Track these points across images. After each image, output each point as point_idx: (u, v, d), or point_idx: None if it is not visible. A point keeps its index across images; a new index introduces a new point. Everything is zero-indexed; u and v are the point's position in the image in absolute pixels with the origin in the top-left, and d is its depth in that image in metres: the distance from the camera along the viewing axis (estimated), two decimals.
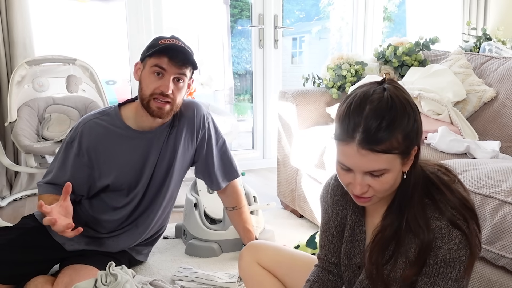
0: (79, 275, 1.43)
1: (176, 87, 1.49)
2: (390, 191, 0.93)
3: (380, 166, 0.86)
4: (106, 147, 1.54)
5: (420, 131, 0.90)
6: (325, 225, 1.14)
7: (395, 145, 0.85)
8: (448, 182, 0.96)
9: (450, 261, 0.89)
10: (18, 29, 2.53)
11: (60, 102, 2.54)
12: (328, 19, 5.38)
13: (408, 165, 0.91)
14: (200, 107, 1.67)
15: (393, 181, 0.90)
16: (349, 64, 2.44)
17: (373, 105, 0.85)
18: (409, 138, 0.87)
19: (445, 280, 0.90)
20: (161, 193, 1.65)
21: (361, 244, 1.05)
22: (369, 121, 0.84)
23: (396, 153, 0.86)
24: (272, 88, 3.42)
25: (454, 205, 0.92)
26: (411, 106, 0.88)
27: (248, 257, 1.32)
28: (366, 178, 0.89)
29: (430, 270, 0.91)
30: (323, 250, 1.15)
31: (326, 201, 1.13)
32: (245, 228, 1.80)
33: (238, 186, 1.82)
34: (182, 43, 1.50)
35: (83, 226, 1.60)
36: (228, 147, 1.78)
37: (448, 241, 0.89)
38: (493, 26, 3.50)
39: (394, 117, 0.84)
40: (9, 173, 2.72)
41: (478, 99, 2.07)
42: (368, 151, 0.85)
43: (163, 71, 1.45)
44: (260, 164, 3.51)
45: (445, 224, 0.90)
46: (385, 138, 0.84)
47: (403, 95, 0.88)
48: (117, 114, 1.57)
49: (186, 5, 4.24)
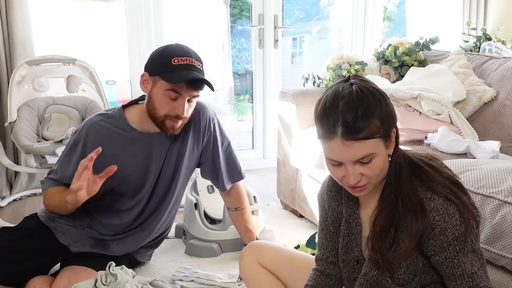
0: (77, 277, 1.42)
1: (189, 105, 1.48)
2: (381, 175, 0.98)
3: (366, 151, 0.92)
4: (111, 150, 1.52)
5: (394, 113, 0.97)
6: (323, 223, 1.16)
7: (374, 130, 0.91)
8: (435, 165, 1.02)
9: (461, 236, 0.94)
10: (18, 29, 2.53)
11: (60, 102, 2.54)
12: (328, 19, 5.39)
13: (391, 147, 0.98)
14: (206, 109, 1.66)
15: (382, 164, 0.96)
16: (349, 64, 2.44)
17: (345, 100, 0.92)
18: (386, 121, 0.93)
19: (465, 255, 0.94)
20: (167, 195, 1.63)
21: (358, 237, 1.08)
22: (346, 115, 0.91)
23: (378, 137, 0.92)
24: (272, 88, 3.42)
25: (443, 183, 0.98)
26: (379, 93, 0.95)
27: (249, 257, 1.32)
28: (357, 167, 0.94)
29: (449, 253, 0.95)
30: (322, 249, 1.16)
31: (323, 198, 1.16)
32: (246, 228, 1.80)
33: (242, 187, 1.82)
34: (195, 60, 1.44)
35: (87, 228, 1.60)
36: (233, 149, 1.78)
37: (450, 219, 0.94)
38: (493, 26, 3.50)
39: (367, 106, 0.91)
40: (9, 173, 2.72)
41: (478, 99, 2.07)
42: (352, 141, 0.91)
43: (179, 96, 1.44)
44: (260, 164, 3.51)
45: (440, 204, 0.95)
46: (363, 125, 0.90)
47: (369, 85, 0.95)
48: (121, 117, 1.55)
49: (186, 5, 4.24)
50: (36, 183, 2.78)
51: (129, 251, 1.68)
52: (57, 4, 4.09)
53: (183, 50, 1.45)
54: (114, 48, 4.19)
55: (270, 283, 1.28)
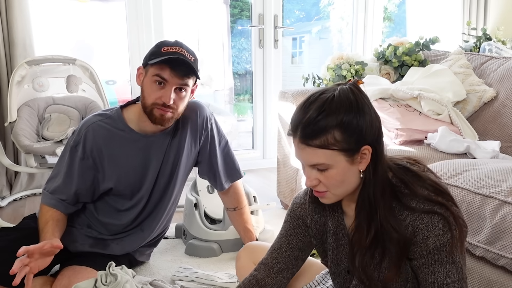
0: (78, 277, 1.42)
1: (178, 96, 1.46)
2: (343, 189, 0.94)
3: (318, 160, 0.90)
4: (109, 150, 1.52)
5: (372, 131, 0.90)
6: (292, 229, 1.14)
7: (331, 141, 0.88)
8: (417, 171, 0.98)
9: (442, 246, 0.91)
10: (18, 29, 2.53)
11: (60, 102, 2.54)
12: (328, 19, 5.39)
13: (363, 164, 0.92)
14: (203, 108, 1.66)
15: (341, 177, 0.91)
16: (349, 64, 2.44)
17: (317, 103, 0.89)
18: (352, 136, 0.88)
19: (443, 265, 0.92)
20: (166, 196, 1.64)
21: (346, 248, 1.05)
22: (310, 115, 0.88)
23: (335, 150, 0.88)
24: (272, 88, 3.42)
25: (427, 196, 0.93)
26: (358, 106, 0.88)
27: (245, 258, 1.32)
28: (313, 172, 0.93)
29: (426, 261, 0.93)
30: (275, 253, 1.15)
31: (303, 208, 1.12)
32: (245, 228, 1.80)
33: (240, 187, 1.82)
34: (185, 51, 1.46)
35: (87, 228, 1.60)
36: (231, 148, 1.77)
37: (433, 229, 0.91)
38: (493, 26, 3.49)
39: (333, 112, 0.87)
40: (9, 173, 2.72)
41: (478, 99, 2.07)
42: (305, 146, 0.90)
43: (164, 81, 1.43)
44: (260, 164, 3.51)
45: (425, 215, 0.91)
46: (319, 132, 0.87)
47: (357, 96, 0.89)
48: (119, 117, 1.55)
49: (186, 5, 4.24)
50: (36, 183, 2.78)
51: (129, 251, 1.68)
52: (57, 4, 4.08)
53: (176, 42, 1.48)
54: (114, 48, 4.19)
55: None
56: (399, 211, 0.94)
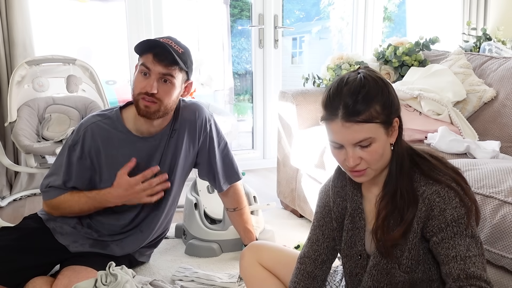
0: (78, 277, 1.42)
1: (162, 87, 1.45)
2: (381, 162, 1.00)
3: (365, 135, 0.95)
4: (107, 151, 1.53)
5: (397, 103, 1.00)
6: (322, 219, 1.16)
7: (374, 114, 0.94)
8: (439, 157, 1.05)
9: (460, 218, 0.95)
10: (18, 29, 2.53)
11: (60, 102, 2.54)
12: (328, 19, 5.39)
13: (393, 136, 1.00)
14: (202, 109, 1.65)
15: (382, 150, 0.98)
16: (349, 64, 2.44)
17: (348, 86, 0.96)
18: (387, 108, 0.96)
19: (462, 238, 0.94)
20: (164, 197, 1.63)
21: (361, 231, 1.09)
22: (347, 98, 0.95)
23: (377, 122, 0.95)
24: (272, 88, 3.42)
25: (445, 172, 1.00)
26: (383, 81, 0.98)
27: (250, 257, 1.32)
28: (356, 150, 0.97)
29: (446, 234, 0.95)
30: (315, 245, 1.16)
31: (327, 195, 1.16)
32: (245, 228, 1.80)
33: (240, 188, 1.81)
34: (174, 42, 1.45)
35: (87, 229, 1.60)
36: (230, 149, 1.77)
37: (450, 201, 0.96)
38: (493, 26, 3.50)
39: (368, 91, 0.95)
40: (9, 173, 2.72)
41: (478, 99, 2.07)
42: (351, 123, 0.94)
43: (148, 70, 1.43)
44: (260, 164, 3.51)
45: (441, 188, 0.97)
46: (363, 108, 0.94)
47: (375, 74, 0.99)
48: (118, 118, 1.55)
49: (186, 5, 4.23)
50: (36, 183, 2.78)
51: (129, 252, 1.68)
52: (57, 4, 4.08)
53: (168, 36, 1.49)
54: (114, 48, 4.19)
55: (270, 283, 1.28)
56: (418, 183, 1.00)
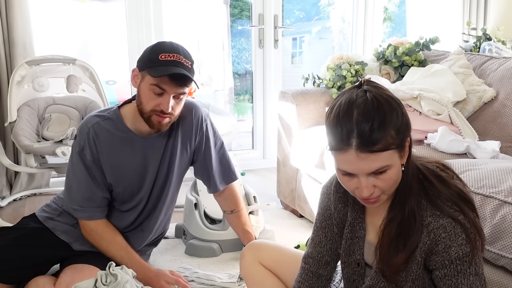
0: (81, 274, 1.42)
1: (175, 102, 1.47)
2: (394, 186, 0.95)
3: (382, 164, 0.88)
4: (110, 151, 1.52)
5: (409, 122, 0.92)
6: (324, 221, 1.14)
7: (390, 141, 0.87)
8: (445, 177, 0.98)
9: (464, 256, 0.91)
10: (18, 29, 2.53)
11: (60, 102, 2.54)
12: (328, 19, 5.39)
13: (405, 157, 0.94)
14: (198, 109, 1.65)
15: (396, 175, 0.92)
16: (349, 64, 2.44)
17: (360, 109, 0.87)
18: (402, 131, 0.89)
19: (466, 277, 0.92)
20: (162, 196, 1.64)
21: (361, 241, 1.07)
22: (361, 125, 0.86)
23: (393, 148, 0.88)
24: (272, 88, 3.42)
25: (450, 199, 0.94)
26: (395, 101, 0.90)
27: (250, 256, 1.32)
28: (370, 179, 0.91)
29: (449, 271, 0.93)
30: (318, 247, 1.15)
31: (329, 198, 1.13)
32: (244, 230, 1.79)
33: (236, 189, 1.80)
34: (183, 57, 1.43)
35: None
36: (226, 149, 1.77)
37: (456, 238, 0.91)
38: (493, 26, 3.50)
39: (384, 116, 0.87)
40: (9, 173, 2.72)
41: (478, 99, 2.07)
42: (368, 153, 0.87)
43: (163, 91, 1.42)
44: (260, 164, 3.51)
45: (448, 222, 0.92)
46: (380, 137, 0.86)
47: (385, 93, 0.90)
48: (118, 118, 1.55)
49: (186, 5, 4.24)
50: (36, 183, 2.78)
51: None
52: (57, 4, 4.08)
53: (173, 46, 1.44)
54: (114, 48, 4.19)
55: (270, 283, 1.28)
56: (424, 211, 0.95)
